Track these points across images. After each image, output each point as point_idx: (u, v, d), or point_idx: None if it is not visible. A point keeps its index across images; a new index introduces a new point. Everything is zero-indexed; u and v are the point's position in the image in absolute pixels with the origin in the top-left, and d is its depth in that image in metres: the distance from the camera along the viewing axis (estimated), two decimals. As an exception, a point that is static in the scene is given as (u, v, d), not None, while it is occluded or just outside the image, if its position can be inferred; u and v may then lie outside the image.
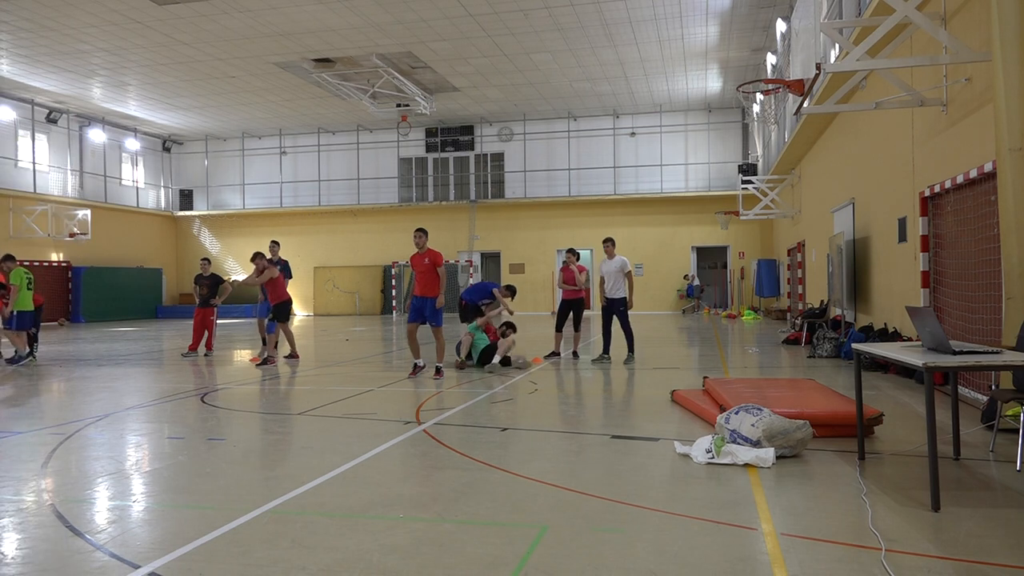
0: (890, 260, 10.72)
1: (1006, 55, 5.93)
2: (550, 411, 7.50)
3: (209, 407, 7.74)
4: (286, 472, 5.08)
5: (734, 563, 3.31)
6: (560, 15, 17.59)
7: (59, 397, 8.56)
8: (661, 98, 25.84)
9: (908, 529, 3.71)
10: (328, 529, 3.82)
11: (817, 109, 11.49)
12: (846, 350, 10.96)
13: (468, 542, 3.60)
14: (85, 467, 5.27)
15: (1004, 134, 5.93)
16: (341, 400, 8.06)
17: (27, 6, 16.51)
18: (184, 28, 18.06)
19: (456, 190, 29.83)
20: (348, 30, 18.41)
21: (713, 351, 13.28)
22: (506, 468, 4.99)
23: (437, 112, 26.47)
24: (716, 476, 4.74)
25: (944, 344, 4.26)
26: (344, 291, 30.03)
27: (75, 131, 26.72)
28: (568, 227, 28.14)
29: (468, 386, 9.02)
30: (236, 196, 31.42)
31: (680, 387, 8.15)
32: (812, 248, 17.99)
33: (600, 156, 28.35)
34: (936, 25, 7.76)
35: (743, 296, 27.10)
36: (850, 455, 5.19)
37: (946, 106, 8.21)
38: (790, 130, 17.85)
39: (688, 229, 27.58)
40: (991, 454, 5.23)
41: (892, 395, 7.84)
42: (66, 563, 3.40)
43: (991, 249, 6.88)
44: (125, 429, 6.63)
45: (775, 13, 17.48)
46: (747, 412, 5.26)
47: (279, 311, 11.91)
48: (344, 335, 18.49)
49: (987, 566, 3.24)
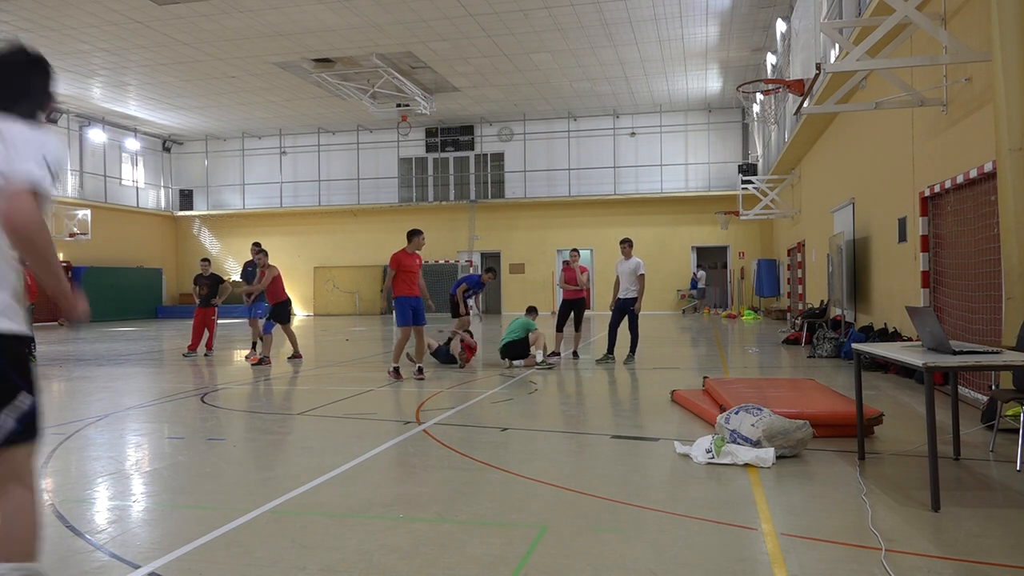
0: (890, 260, 10.72)
1: (1006, 55, 5.93)
2: (550, 411, 7.50)
3: (209, 407, 7.74)
4: (286, 472, 5.08)
5: (734, 563, 3.31)
6: (560, 15, 17.59)
7: (59, 397, 8.56)
8: (661, 98, 25.83)
9: (908, 529, 3.71)
10: (328, 529, 3.82)
11: (817, 109, 11.49)
12: (846, 350, 10.96)
13: (468, 542, 3.60)
14: (85, 467, 5.27)
15: (1004, 134, 5.93)
16: (341, 400, 8.05)
17: (27, 6, 16.51)
18: (184, 28, 18.06)
19: (456, 190, 29.83)
20: (348, 30, 18.42)
21: (713, 351, 13.28)
22: (506, 468, 4.99)
23: (437, 112, 26.47)
24: (716, 476, 4.74)
25: (944, 344, 4.26)
26: (344, 291, 30.03)
27: (75, 131, 26.71)
28: (568, 227, 28.14)
29: (468, 386, 9.02)
30: (236, 196, 31.42)
31: (680, 387, 8.14)
32: (812, 248, 17.99)
33: (600, 156, 28.35)
34: (936, 25, 7.76)
35: (743, 296, 27.11)
36: (850, 455, 5.19)
37: (946, 106, 8.21)
38: (790, 130, 17.85)
39: (688, 229, 27.58)
40: (991, 454, 5.23)
41: (892, 395, 7.84)
42: (66, 563, 3.40)
43: (991, 249, 6.88)
44: (125, 429, 6.63)
45: (775, 13, 17.48)
46: (747, 412, 5.26)
47: (278, 312, 11.91)
48: (344, 335, 18.49)
49: (987, 566, 3.24)
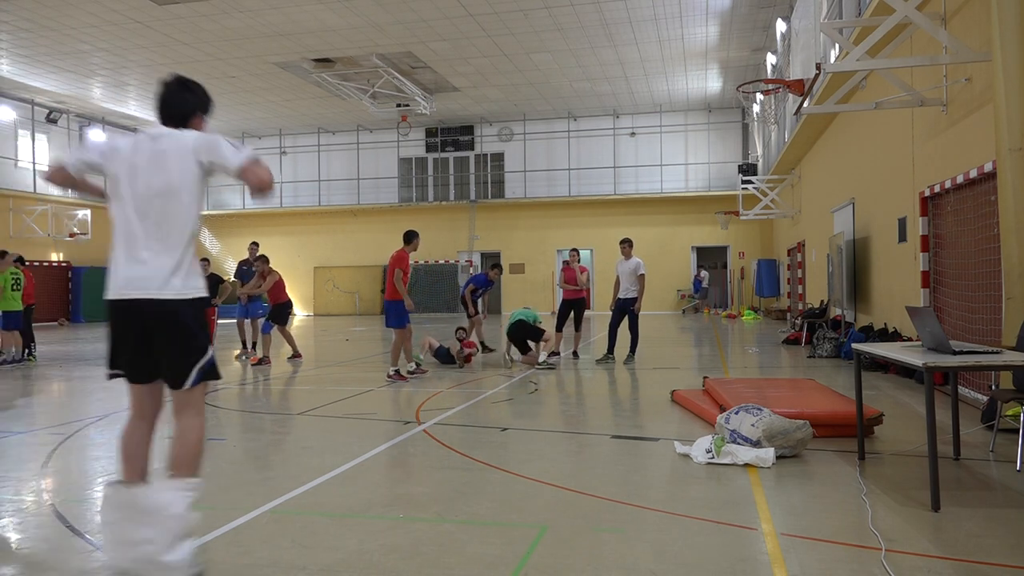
0: (890, 260, 10.72)
1: (1006, 55, 5.93)
2: (550, 411, 7.50)
3: (209, 407, 7.73)
4: (286, 472, 5.08)
5: (734, 563, 3.31)
6: (560, 15, 17.59)
7: (59, 397, 8.55)
8: (661, 98, 25.83)
9: (908, 529, 3.71)
10: (328, 529, 3.82)
11: (817, 109, 11.49)
12: (846, 350, 10.96)
13: (468, 542, 3.60)
14: (85, 467, 5.27)
15: (1004, 134, 5.93)
16: (341, 400, 8.06)
17: (27, 6, 16.51)
18: (184, 28, 18.05)
19: (456, 190, 29.83)
20: (348, 30, 18.41)
21: (713, 351, 13.28)
22: (506, 468, 4.99)
23: (437, 112, 26.47)
24: (716, 476, 4.74)
25: (944, 344, 4.26)
26: (344, 291, 30.04)
27: (75, 131, 26.71)
28: (568, 227, 28.14)
29: (468, 386, 9.02)
30: (236, 196, 31.42)
31: (680, 387, 8.14)
32: (812, 248, 17.99)
33: (600, 156, 28.35)
34: (936, 25, 7.76)
35: (743, 296, 27.11)
36: (850, 455, 5.19)
37: (946, 106, 8.21)
38: (790, 130, 17.85)
39: (688, 229, 27.58)
40: (991, 454, 5.23)
41: (892, 395, 7.84)
42: (66, 563, 3.40)
43: (991, 249, 6.88)
44: (125, 429, 6.62)
45: (775, 13, 17.48)
46: (747, 412, 5.26)
47: (277, 313, 11.92)
48: (344, 335, 18.49)
49: (987, 566, 3.24)
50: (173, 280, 3.08)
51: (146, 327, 3.10)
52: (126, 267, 3.10)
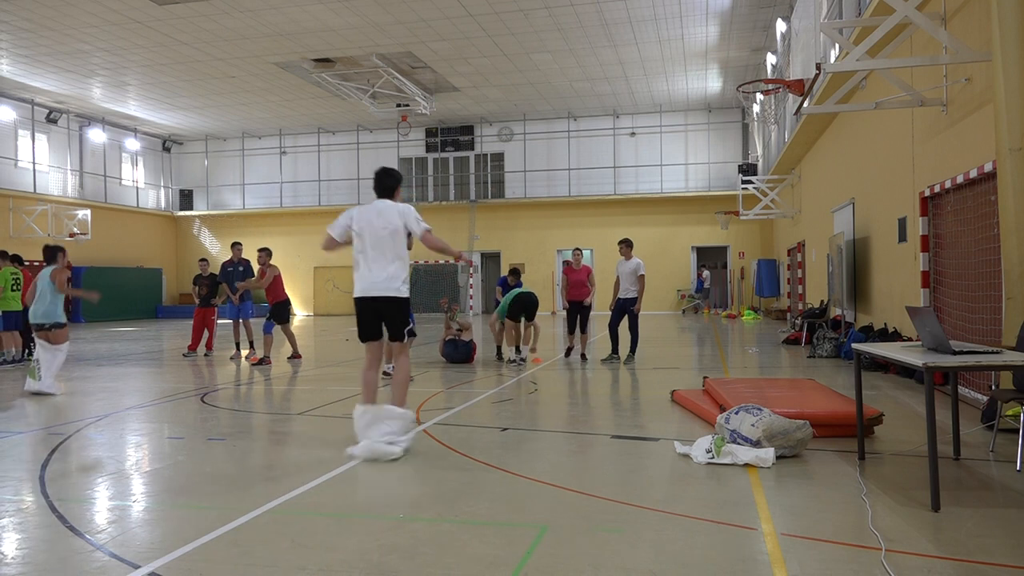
0: (890, 260, 10.71)
1: (1006, 55, 5.93)
2: (550, 411, 7.50)
3: (209, 407, 7.73)
4: (286, 472, 5.07)
5: (734, 563, 3.31)
6: (560, 15, 17.59)
7: (59, 397, 8.55)
8: (661, 98, 25.83)
9: (908, 529, 3.71)
10: (328, 529, 3.82)
11: (817, 109, 11.49)
12: (846, 350, 10.96)
13: (468, 542, 3.60)
14: (85, 467, 5.27)
15: (1004, 134, 5.93)
16: (341, 400, 8.06)
17: (27, 6, 16.51)
18: (184, 28, 18.06)
19: (456, 190, 29.83)
20: (348, 30, 18.42)
21: (713, 351, 13.28)
22: (506, 468, 4.99)
23: (437, 112, 26.47)
24: (716, 476, 4.74)
25: (944, 344, 4.26)
26: (344, 291, 30.02)
27: (75, 131, 26.72)
28: (568, 227, 28.14)
29: (468, 386, 9.02)
30: (236, 196, 31.42)
31: (680, 387, 8.14)
32: (812, 248, 17.99)
33: (600, 156, 28.35)
34: (936, 25, 7.76)
35: (743, 296, 27.11)
36: (850, 455, 5.18)
37: (946, 106, 8.21)
38: (790, 130, 17.86)
39: (688, 229, 27.57)
40: (991, 454, 5.23)
41: (892, 395, 7.84)
42: (66, 563, 3.40)
43: (991, 249, 6.88)
44: (125, 429, 6.63)
45: (775, 13, 17.48)
46: (747, 412, 5.26)
47: (277, 312, 11.91)
48: (344, 335, 18.48)
49: (987, 566, 3.24)
50: (390, 284, 5.52)
51: (377, 310, 5.57)
52: (367, 277, 5.53)
